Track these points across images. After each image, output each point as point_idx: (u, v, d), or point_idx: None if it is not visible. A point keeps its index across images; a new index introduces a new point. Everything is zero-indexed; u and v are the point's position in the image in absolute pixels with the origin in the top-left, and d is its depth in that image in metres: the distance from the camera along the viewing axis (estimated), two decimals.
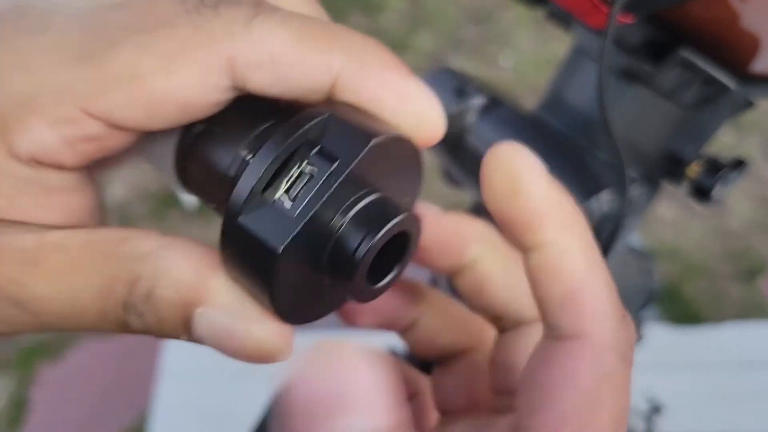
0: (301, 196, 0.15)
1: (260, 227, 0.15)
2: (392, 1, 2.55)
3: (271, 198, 0.15)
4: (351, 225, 0.16)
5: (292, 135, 0.15)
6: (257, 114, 0.17)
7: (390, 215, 0.16)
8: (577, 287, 0.17)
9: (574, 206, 0.18)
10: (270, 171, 0.15)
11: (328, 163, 0.15)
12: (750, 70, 0.34)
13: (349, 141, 0.15)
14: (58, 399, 1.58)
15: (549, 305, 0.17)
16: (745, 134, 1.99)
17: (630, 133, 0.36)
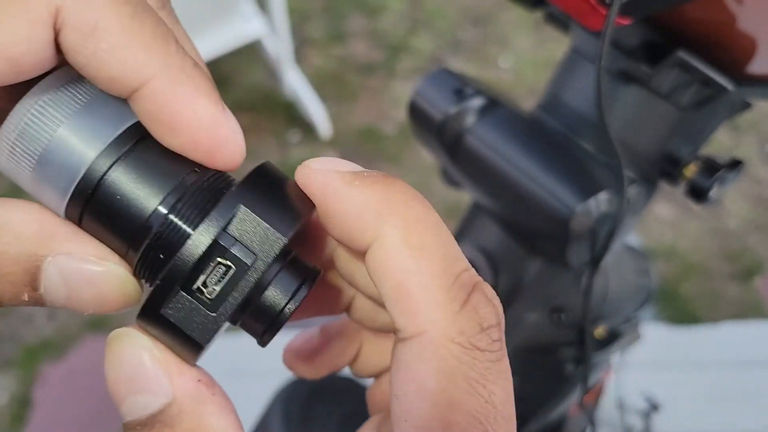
0: (222, 294, 0.16)
1: (184, 322, 0.16)
2: (392, 2, 2.55)
3: (191, 289, 0.16)
4: (271, 297, 0.17)
5: (213, 230, 0.16)
6: (170, 161, 0.17)
7: (305, 281, 0.18)
8: (404, 281, 0.15)
9: (387, 191, 0.16)
10: (194, 268, 0.16)
11: (246, 261, 0.16)
12: (747, 71, 0.34)
13: (263, 238, 0.16)
14: (61, 397, 1.58)
15: (387, 306, 0.16)
16: (743, 135, 1.99)
17: (628, 133, 0.37)
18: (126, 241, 0.17)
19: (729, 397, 1.53)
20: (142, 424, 0.16)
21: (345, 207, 0.16)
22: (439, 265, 0.16)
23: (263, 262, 0.16)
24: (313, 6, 2.60)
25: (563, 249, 0.35)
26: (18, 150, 0.16)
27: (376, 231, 0.16)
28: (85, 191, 0.16)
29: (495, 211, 0.39)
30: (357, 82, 2.31)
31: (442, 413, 0.15)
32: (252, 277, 0.16)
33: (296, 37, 2.49)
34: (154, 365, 0.16)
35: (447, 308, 0.15)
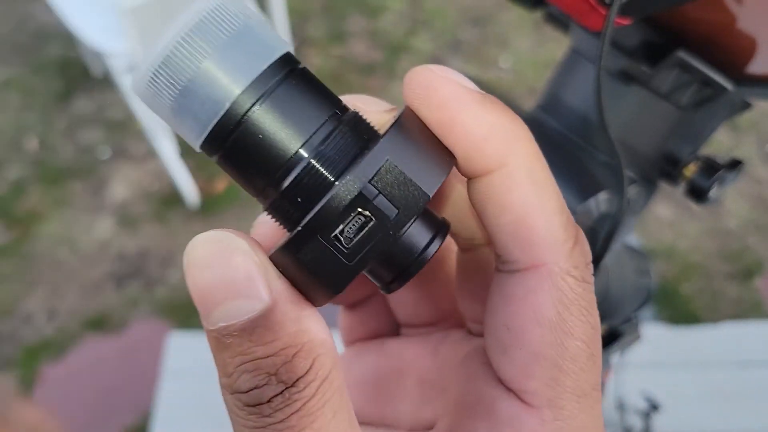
0: (359, 245, 0.16)
1: (319, 269, 0.16)
2: (392, 2, 2.55)
3: (329, 237, 0.15)
4: (405, 246, 0.17)
5: (360, 181, 0.15)
6: (312, 102, 0.17)
7: (437, 234, 0.17)
8: (526, 214, 0.16)
9: (517, 124, 0.17)
10: (337, 217, 0.15)
11: (388, 214, 0.16)
12: (747, 71, 0.34)
13: (408, 193, 0.16)
14: (61, 398, 1.58)
15: (500, 237, 0.16)
16: (743, 135, 1.99)
17: (627, 133, 0.37)
18: (264, 179, 0.17)
19: (729, 397, 1.53)
20: (241, 330, 0.15)
21: (474, 126, 0.16)
22: (558, 202, 0.16)
23: (405, 216, 0.16)
24: (312, 6, 2.60)
25: None
26: (160, 79, 0.16)
27: (502, 158, 0.16)
28: (227, 127, 0.16)
29: None
30: (357, 82, 2.30)
31: (558, 339, 0.16)
32: (392, 231, 0.16)
33: (296, 37, 2.49)
34: (253, 267, 0.15)
35: (565, 244, 0.16)
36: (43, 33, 2.65)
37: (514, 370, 0.16)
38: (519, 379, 0.16)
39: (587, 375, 0.17)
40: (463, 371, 0.19)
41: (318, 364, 0.15)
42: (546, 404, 0.16)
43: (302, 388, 0.15)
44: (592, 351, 0.16)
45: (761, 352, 1.62)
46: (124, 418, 1.54)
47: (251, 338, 0.15)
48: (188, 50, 0.16)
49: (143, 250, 1.67)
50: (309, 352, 0.15)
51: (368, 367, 0.22)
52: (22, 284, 1.58)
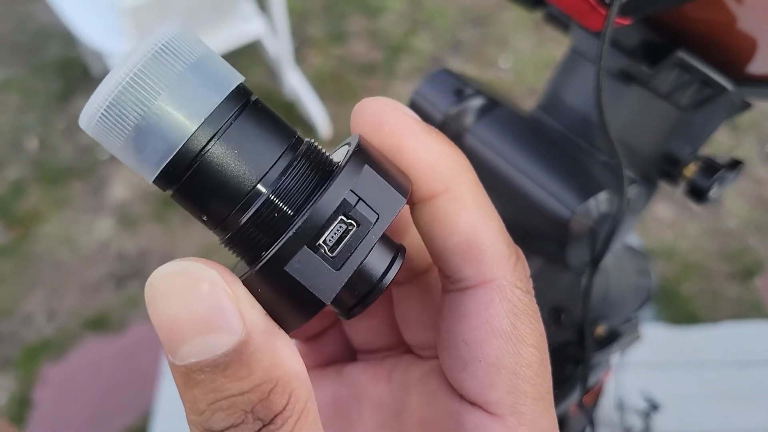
0: (344, 251, 0.16)
1: (308, 279, 0.15)
2: (392, 2, 2.55)
3: (314, 246, 0.16)
4: (372, 277, 0.17)
5: (340, 194, 0.16)
6: (268, 134, 0.17)
7: (396, 262, 0.18)
8: (474, 235, 0.17)
9: (459, 153, 0.17)
10: (323, 226, 0.16)
11: (370, 219, 0.16)
12: (747, 71, 0.34)
13: (385, 198, 0.16)
14: (61, 398, 1.58)
15: (450, 257, 0.17)
16: (743, 135, 1.99)
17: (627, 133, 0.37)
18: (221, 213, 0.16)
19: (729, 397, 1.53)
20: (213, 366, 0.14)
21: (421, 153, 0.17)
22: (499, 223, 0.18)
23: (385, 221, 0.16)
24: (313, 6, 2.60)
25: (563, 249, 0.35)
26: (111, 117, 0.15)
27: (447, 183, 0.17)
28: (182, 165, 0.16)
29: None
30: (357, 82, 2.30)
31: (514, 348, 0.17)
32: (374, 235, 0.16)
33: (296, 37, 2.49)
34: (225, 299, 0.14)
35: (510, 260, 0.17)
36: (43, 33, 2.65)
37: (476, 382, 0.17)
38: (481, 390, 0.17)
39: (542, 379, 0.17)
40: (423, 392, 0.20)
41: (294, 399, 0.15)
42: (509, 412, 0.17)
43: (280, 425, 0.15)
44: (543, 356, 0.18)
45: (761, 352, 1.62)
46: (124, 418, 1.54)
47: (225, 374, 0.14)
48: (140, 87, 0.15)
49: (143, 250, 1.67)
50: (285, 386, 0.15)
51: (326, 394, 0.22)
52: (22, 284, 1.58)
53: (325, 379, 0.23)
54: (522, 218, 0.37)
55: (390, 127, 0.17)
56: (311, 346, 0.23)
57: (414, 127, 0.17)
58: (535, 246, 0.38)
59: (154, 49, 0.16)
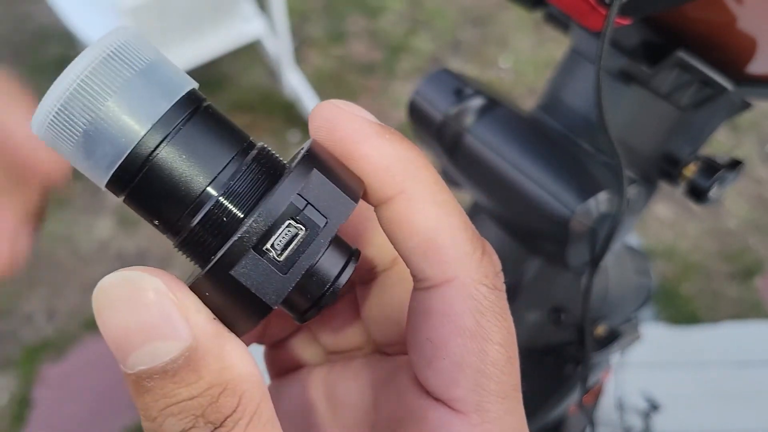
0: (292, 255, 0.16)
1: (255, 283, 0.15)
2: (392, 2, 2.55)
3: (261, 250, 0.16)
4: (325, 279, 0.17)
5: (287, 198, 0.16)
6: (219, 139, 0.17)
7: (350, 265, 0.18)
8: (432, 234, 0.17)
9: (414, 152, 0.17)
10: (269, 230, 0.16)
11: (318, 223, 0.16)
12: (747, 71, 0.34)
13: (334, 202, 0.16)
14: (61, 397, 1.58)
15: (412, 258, 0.17)
16: (742, 135, 1.99)
17: (627, 133, 0.37)
18: (173, 217, 0.17)
19: (729, 397, 1.54)
20: (162, 372, 0.14)
21: (375, 156, 0.17)
22: (461, 219, 0.17)
23: (334, 225, 0.16)
24: (312, 6, 2.60)
25: (563, 249, 0.35)
26: (61, 121, 0.16)
27: (401, 184, 0.17)
28: (132, 169, 0.16)
29: (494, 211, 0.39)
30: (357, 82, 2.30)
31: (479, 346, 0.17)
32: (323, 239, 0.16)
33: (296, 37, 2.49)
34: (169, 306, 0.15)
35: (473, 256, 0.17)
36: (43, 33, 2.65)
37: (440, 380, 0.17)
38: (445, 388, 0.17)
39: (508, 377, 0.17)
40: (391, 389, 0.20)
41: (245, 401, 0.15)
42: (473, 409, 0.17)
43: (231, 427, 0.15)
44: (509, 354, 0.17)
45: (761, 352, 1.62)
46: (124, 418, 1.54)
47: (174, 380, 0.14)
48: (90, 91, 0.15)
49: (143, 250, 1.67)
50: (234, 389, 0.15)
51: (297, 397, 0.22)
52: (22, 284, 1.58)
53: (295, 382, 0.23)
54: (522, 218, 0.37)
55: (342, 131, 0.17)
56: (280, 350, 0.23)
57: (366, 130, 0.17)
58: (535, 246, 0.38)
59: (102, 54, 0.16)
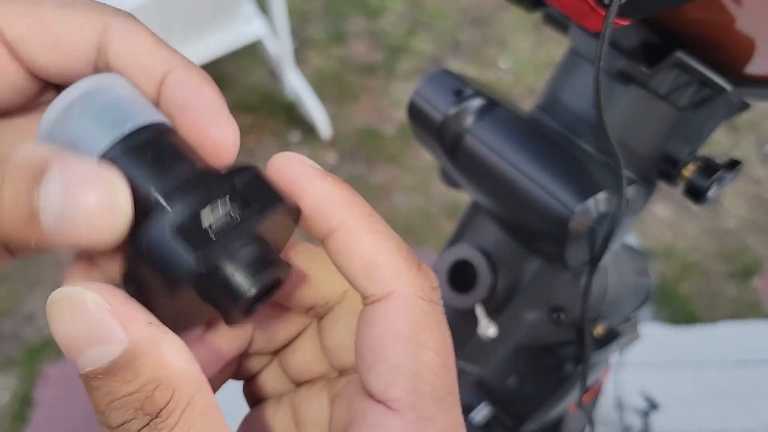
0: (221, 230, 0.18)
1: (165, 255, 0.17)
2: (392, 3, 2.55)
3: (179, 226, 0.17)
4: (244, 269, 0.18)
5: (225, 182, 0.18)
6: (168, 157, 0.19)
7: (273, 267, 0.19)
8: (371, 257, 0.20)
9: (351, 191, 0.21)
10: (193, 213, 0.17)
11: (248, 209, 0.18)
12: (745, 72, 0.35)
13: (264, 197, 0.19)
14: (62, 397, 1.58)
15: (356, 279, 0.20)
16: (741, 135, 1.99)
17: (626, 134, 0.37)
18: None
19: (727, 396, 1.54)
20: (104, 373, 0.17)
21: (318, 195, 0.20)
22: (396, 243, 0.20)
23: (259, 216, 0.18)
24: (313, 7, 2.61)
25: (562, 249, 0.35)
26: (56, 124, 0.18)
27: (341, 217, 0.20)
28: None
29: (494, 211, 0.39)
30: (357, 82, 2.31)
31: (413, 351, 0.19)
32: (248, 227, 0.18)
33: (297, 37, 2.49)
34: (106, 315, 0.17)
35: (409, 272, 0.20)
36: None
37: (379, 382, 0.19)
38: (384, 389, 0.19)
39: (442, 382, 0.20)
40: (344, 400, 0.23)
41: (178, 394, 0.17)
42: (408, 408, 0.19)
43: (165, 418, 0.17)
44: (444, 360, 0.20)
45: (759, 352, 1.62)
46: None
47: (115, 379, 0.17)
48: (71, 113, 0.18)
49: None
50: (168, 384, 0.17)
51: (268, 421, 0.26)
52: (23, 284, 1.58)
53: (268, 408, 0.26)
54: (521, 218, 0.37)
55: (292, 174, 0.20)
56: (254, 383, 0.27)
57: (311, 173, 0.20)
58: (534, 246, 0.38)
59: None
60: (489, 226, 0.41)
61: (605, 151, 0.37)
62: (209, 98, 0.20)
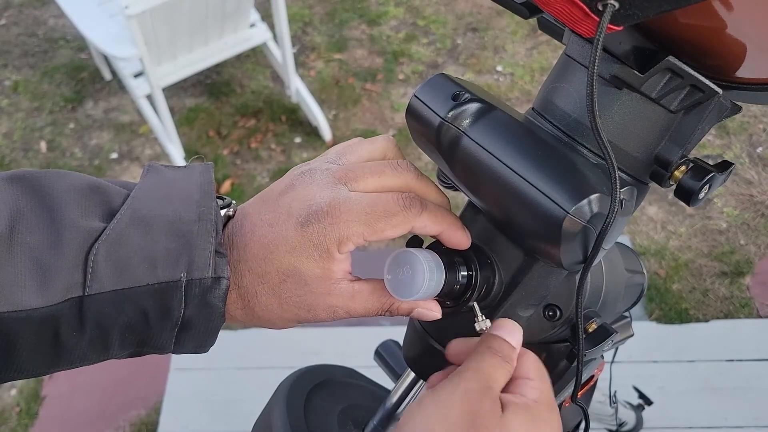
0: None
1: None
2: (391, 10, 2.56)
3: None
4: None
5: None
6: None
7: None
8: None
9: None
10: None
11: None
12: (736, 76, 0.35)
13: None
14: (71, 392, 1.58)
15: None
16: (733, 137, 2.00)
17: (619, 136, 0.37)
18: None
19: (718, 392, 1.55)
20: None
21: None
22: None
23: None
24: (315, 13, 2.61)
25: (556, 249, 0.35)
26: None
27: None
28: None
29: (490, 211, 0.40)
30: (357, 86, 2.31)
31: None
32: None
33: (299, 42, 2.49)
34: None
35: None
36: (53, 37, 2.65)
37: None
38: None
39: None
40: None
41: None
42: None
43: None
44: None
45: (749, 350, 1.63)
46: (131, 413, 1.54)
47: None
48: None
49: None
50: None
51: None
52: None
53: None
54: (517, 219, 0.37)
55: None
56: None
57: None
58: (529, 246, 0.39)
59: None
60: (485, 227, 0.42)
61: (599, 153, 0.38)
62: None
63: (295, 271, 0.37)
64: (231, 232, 0.39)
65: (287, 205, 0.38)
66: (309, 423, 0.46)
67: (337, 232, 0.36)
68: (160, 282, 0.35)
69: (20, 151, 2.18)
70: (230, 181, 2.01)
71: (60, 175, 0.37)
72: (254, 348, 1.64)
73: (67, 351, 0.35)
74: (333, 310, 0.38)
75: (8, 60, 2.49)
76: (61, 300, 0.33)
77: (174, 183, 0.39)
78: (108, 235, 0.35)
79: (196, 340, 0.38)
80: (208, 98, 2.29)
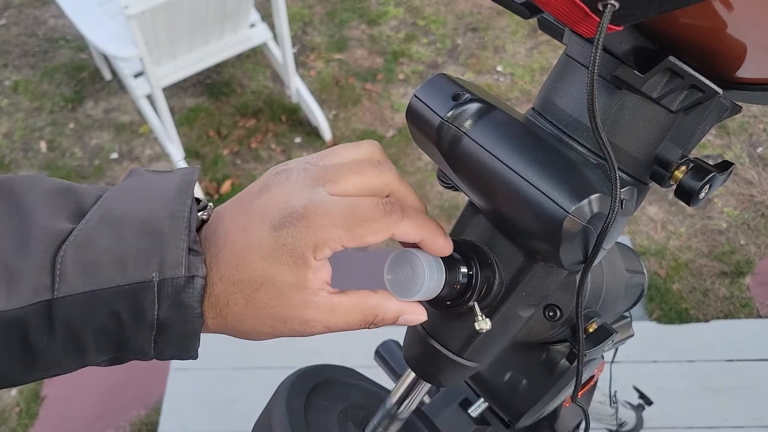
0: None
1: None
2: (391, 10, 2.56)
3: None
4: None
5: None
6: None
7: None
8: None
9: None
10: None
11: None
12: (736, 76, 0.35)
13: None
14: (70, 393, 1.58)
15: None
16: (733, 137, 2.00)
17: (619, 136, 0.37)
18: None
19: (718, 392, 1.55)
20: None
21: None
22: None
23: None
24: (315, 13, 2.61)
25: (556, 249, 0.36)
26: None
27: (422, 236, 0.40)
28: None
29: (490, 211, 0.40)
30: (358, 86, 2.31)
31: None
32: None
33: (299, 42, 2.49)
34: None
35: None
36: (53, 37, 2.65)
37: None
38: None
39: None
40: None
41: None
42: None
43: None
44: None
45: (750, 350, 1.63)
46: (132, 413, 1.54)
47: None
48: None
49: None
50: None
51: None
52: None
53: None
54: (517, 219, 0.37)
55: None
56: None
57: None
58: (529, 246, 0.39)
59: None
60: (485, 227, 0.42)
61: (599, 154, 0.38)
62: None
63: (268, 279, 0.35)
64: (204, 237, 0.37)
65: (262, 207, 0.36)
66: (309, 423, 0.46)
67: (312, 237, 0.34)
68: (130, 283, 0.33)
69: (20, 151, 2.18)
70: (230, 181, 2.01)
71: (33, 180, 0.36)
72: (254, 348, 1.64)
73: (40, 356, 0.34)
74: (309, 324, 0.36)
75: (8, 60, 2.49)
76: (29, 303, 0.32)
77: (152, 185, 0.37)
78: (76, 236, 0.34)
79: (176, 343, 0.36)
80: (208, 98, 2.29)
